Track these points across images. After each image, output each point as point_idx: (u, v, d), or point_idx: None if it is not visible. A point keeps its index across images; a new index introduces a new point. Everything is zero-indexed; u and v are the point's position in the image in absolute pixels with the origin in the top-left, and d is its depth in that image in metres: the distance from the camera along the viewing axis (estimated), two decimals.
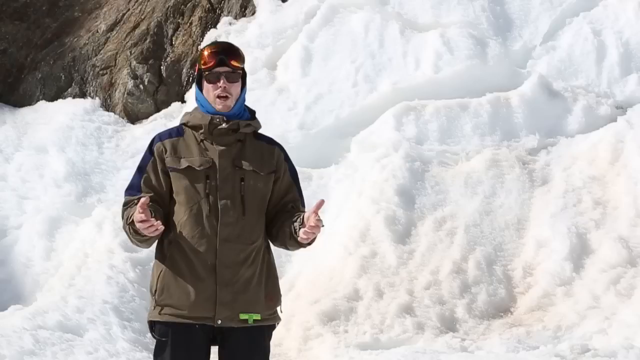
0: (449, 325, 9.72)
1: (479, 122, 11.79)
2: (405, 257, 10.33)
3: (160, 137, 5.22)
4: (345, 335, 9.49)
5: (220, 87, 5.14)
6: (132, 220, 4.99)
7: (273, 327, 5.26)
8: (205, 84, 5.18)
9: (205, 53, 5.18)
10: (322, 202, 5.01)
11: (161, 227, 4.97)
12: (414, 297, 9.91)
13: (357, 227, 10.58)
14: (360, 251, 10.33)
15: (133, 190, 5.17)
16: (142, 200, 4.91)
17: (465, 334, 9.62)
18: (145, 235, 5.01)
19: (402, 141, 11.49)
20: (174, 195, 5.13)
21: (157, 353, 5.16)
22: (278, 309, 5.24)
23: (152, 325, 5.18)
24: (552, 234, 10.46)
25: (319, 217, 5.03)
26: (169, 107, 12.93)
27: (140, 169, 5.18)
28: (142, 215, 4.90)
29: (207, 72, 5.16)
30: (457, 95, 12.05)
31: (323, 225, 5.07)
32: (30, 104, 13.50)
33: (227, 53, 5.18)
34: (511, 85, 12.22)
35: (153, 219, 4.92)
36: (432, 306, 9.82)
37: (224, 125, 5.13)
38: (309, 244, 5.20)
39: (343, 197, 11.18)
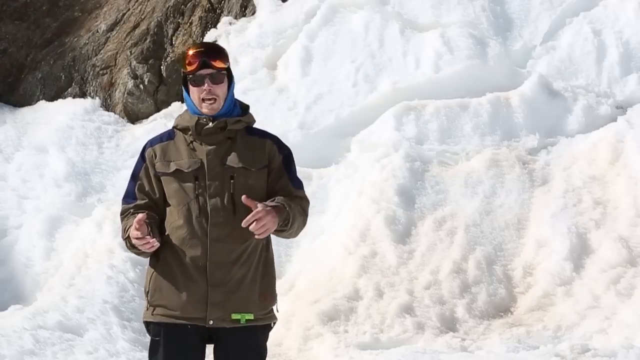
0: (449, 325, 9.72)
1: (479, 122, 11.79)
2: (405, 257, 10.33)
3: (151, 143, 5.21)
4: (345, 335, 9.49)
5: (205, 90, 5.09)
6: (129, 235, 5.01)
7: (269, 326, 5.21)
8: (190, 87, 5.14)
9: (188, 55, 5.11)
10: (245, 198, 4.92)
11: (157, 245, 4.98)
12: (414, 297, 9.91)
13: (357, 227, 10.58)
14: (360, 251, 10.33)
15: (129, 198, 5.18)
16: (139, 217, 4.93)
17: (465, 333, 9.62)
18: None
19: (402, 141, 11.49)
20: (167, 199, 5.12)
21: (152, 352, 5.17)
22: (274, 308, 5.19)
23: (147, 325, 5.19)
24: (552, 233, 10.45)
25: (257, 208, 4.90)
26: (169, 107, 12.93)
27: (134, 176, 5.19)
28: (138, 232, 4.92)
29: (190, 76, 5.12)
30: (457, 95, 12.05)
31: (262, 208, 4.90)
32: (30, 104, 13.50)
33: (210, 54, 5.11)
34: (511, 85, 12.22)
35: (149, 236, 4.95)
36: (432, 306, 9.82)
37: (210, 125, 5.10)
38: (283, 231, 5.07)
39: (343, 197, 11.19)
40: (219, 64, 5.11)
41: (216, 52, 5.15)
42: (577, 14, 12.93)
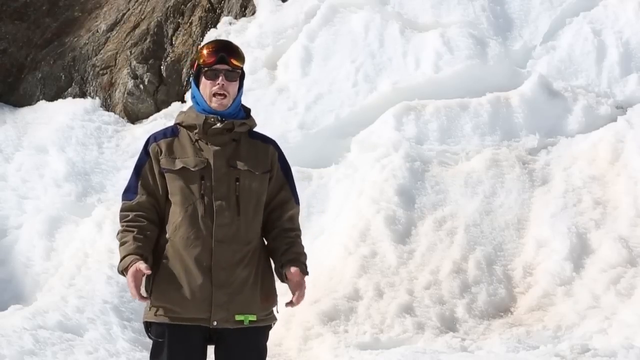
0: (449, 325, 9.72)
1: (479, 122, 11.79)
2: (405, 257, 10.33)
3: (155, 138, 5.21)
4: (345, 335, 9.49)
5: (218, 84, 5.12)
6: (126, 267, 5.04)
7: (269, 327, 5.24)
8: (203, 79, 5.16)
9: (206, 50, 5.16)
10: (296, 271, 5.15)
11: (146, 300, 5.05)
12: (414, 297, 9.91)
13: (357, 227, 10.58)
14: (360, 251, 10.33)
15: (130, 193, 5.16)
16: (141, 267, 4.95)
17: (465, 333, 9.62)
18: None
19: (402, 141, 11.49)
20: (169, 196, 5.11)
21: (154, 354, 5.15)
22: (274, 309, 5.22)
23: (148, 326, 5.17)
24: (552, 233, 10.45)
25: (298, 278, 5.14)
26: (169, 107, 12.93)
27: (137, 171, 5.17)
28: (134, 291, 4.98)
29: (206, 69, 5.14)
30: (457, 95, 12.05)
31: (303, 279, 5.19)
32: (30, 104, 13.50)
33: (228, 51, 5.16)
34: (511, 85, 12.22)
35: (141, 295, 5.00)
36: (432, 306, 9.81)
37: (218, 125, 5.12)
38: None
39: (343, 197, 11.18)
40: (235, 62, 5.15)
41: (235, 50, 5.19)
42: (577, 14, 12.93)
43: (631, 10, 12.89)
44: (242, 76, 5.22)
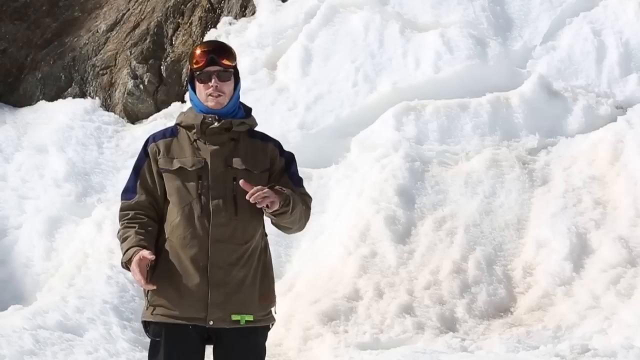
0: (449, 325, 9.72)
1: (479, 122, 11.79)
2: (405, 257, 10.33)
3: (154, 138, 5.21)
4: (345, 335, 9.49)
5: (212, 86, 5.11)
6: (129, 259, 5.01)
7: (267, 327, 5.23)
8: (197, 83, 5.17)
9: (196, 53, 5.16)
10: (243, 182, 4.96)
11: (152, 287, 5.00)
12: (414, 297, 9.91)
13: (357, 227, 10.58)
14: (360, 251, 10.33)
15: (129, 192, 5.17)
16: (144, 256, 4.93)
17: (465, 334, 9.62)
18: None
19: (402, 141, 11.49)
20: (167, 196, 5.12)
21: (152, 353, 5.15)
22: (272, 309, 5.21)
23: (146, 325, 5.18)
24: (552, 234, 10.46)
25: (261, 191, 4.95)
26: (169, 107, 12.94)
27: (136, 171, 5.18)
28: (140, 276, 4.95)
29: (198, 72, 5.14)
30: (457, 95, 12.05)
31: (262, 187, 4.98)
32: (30, 104, 13.50)
33: (218, 52, 5.15)
34: (511, 85, 12.22)
35: (146, 281, 4.97)
36: (432, 306, 9.82)
37: (216, 124, 5.12)
38: (282, 211, 5.04)
39: (343, 197, 11.19)
40: (226, 62, 5.14)
41: (224, 50, 5.18)
42: (577, 14, 12.93)
43: (631, 10, 12.89)
44: (236, 74, 5.21)
